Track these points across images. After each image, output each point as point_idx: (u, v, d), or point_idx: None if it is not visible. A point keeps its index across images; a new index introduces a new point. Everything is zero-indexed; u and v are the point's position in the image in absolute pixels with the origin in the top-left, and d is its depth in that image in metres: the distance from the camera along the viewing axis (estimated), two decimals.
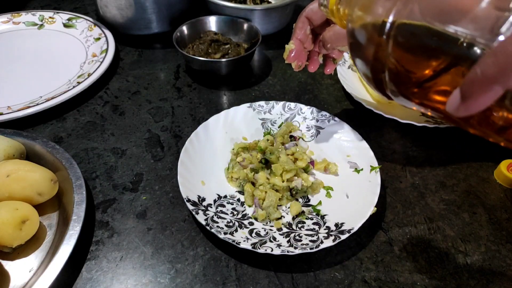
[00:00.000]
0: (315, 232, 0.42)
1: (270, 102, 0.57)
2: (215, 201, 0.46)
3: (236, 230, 0.42)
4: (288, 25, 0.78)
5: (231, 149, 0.53)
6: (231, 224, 0.43)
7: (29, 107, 0.57)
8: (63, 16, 0.79)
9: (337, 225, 0.42)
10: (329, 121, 0.54)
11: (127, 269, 0.41)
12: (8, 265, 0.40)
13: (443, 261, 0.42)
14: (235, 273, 0.40)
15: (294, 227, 0.44)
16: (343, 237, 0.40)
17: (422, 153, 0.54)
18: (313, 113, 0.56)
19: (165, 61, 0.72)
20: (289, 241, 0.41)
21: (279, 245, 0.40)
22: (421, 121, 0.55)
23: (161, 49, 0.75)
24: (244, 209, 0.46)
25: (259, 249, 0.39)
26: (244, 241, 0.40)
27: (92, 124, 0.58)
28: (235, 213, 0.45)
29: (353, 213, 0.43)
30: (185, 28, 0.70)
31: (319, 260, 0.42)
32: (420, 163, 0.53)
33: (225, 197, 0.47)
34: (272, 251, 0.39)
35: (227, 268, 0.41)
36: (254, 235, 0.42)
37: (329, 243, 0.39)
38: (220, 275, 0.40)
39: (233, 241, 0.39)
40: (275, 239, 0.41)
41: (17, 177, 0.42)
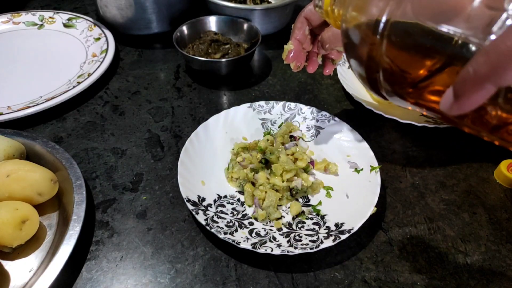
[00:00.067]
0: (315, 232, 0.42)
1: (270, 102, 0.57)
2: (215, 201, 0.46)
3: (236, 230, 0.42)
4: (288, 25, 0.78)
5: (231, 149, 0.53)
6: (231, 224, 0.43)
7: (29, 107, 0.57)
8: (63, 16, 0.80)
9: (337, 225, 0.42)
10: (329, 121, 0.54)
11: (127, 269, 0.41)
12: (8, 265, 0.40)
13: (443, 261, 0.42)
14: (235, 273, 0.40)
15: (294, 227, 0.44)
16: (343, 237, 0.40)
17: (422, 153, 0.54)
18: (313, 113, 0.56)
19: (165, 61, 0.72)
20: (289, 241, 0.41)
21: (279, 245, 0.40)
22: (421, 121, 0.55)
23: (161, 49, 0.75)
24: (244, 209, 0.46)
25: (259, 249, 0.39)
26: (244, 241, 0.40)
27: (92, 124, 0.58)
28: (235, 213, 0.45)
29: (353, 213, 0.43)
30: (185, 28, 0.70)
31: (319, 260, 0.42)
32: (420, 163, 0.53)
33: (225, 197, 0.47)
34: (272, 251, 0.39)
35: (227, 268, 0.41)
36: (254, 235, 0.42)
37: (329, 243, 0.39)
38: (220, 275, 0.40)
39: (233, 241, 0.39)
40: (275, 239, 0.41)
41: (17, 177, 0.42)
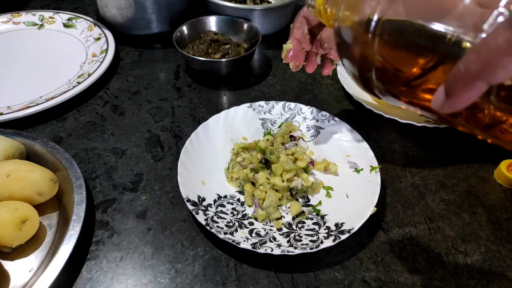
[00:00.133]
0: (315, 232, 0.42)
1: (270, 102, 0.57)
2: (215, 201, 0.46)
3: (236, 230, 0.42)
4: (288, 25, 0.78)
5: (231, 149, 0.53)
6: (231, 224, 0.43)
7: (29, 107, 0.57)
8: (63, 16, 0.80)
9: (337, 225, 0.42)
10: (329, 121, 0.54)
11: (127, 269, 0.41)
12: (8, 265, 0.40)
13: (443, 261, 0.42)
14: (235, 273, 0.40)
15: (294, 227, 0.44)
16: (343, 237, 0.40)
17: (422, 153, 0.54)
18: (313, 113, 0.56)
19: (165, 61, 0.72)
20: (289, 241, 0.41)
21: (279, 245, 0.40)
22: (421, 121, 0.55)
23: (161, 49, 0.75)
24: (244, 209, 0.46)
25: (259, 249, 0.39)
26: (244, 241, 0.40)
27: (92, 124, 0.58)
28: (235, 213, 0.45)
29: (353, 213, 0.43)
30: (185, 28, 0.70)
31: (319, 260, 0.42)
32: (420, 163, 0.53)
33: (225, 197, 0.47)
34: (272, 251, 0.39)
35: (227, 268, 0.41)
36: (254, 235, 0.42)
37: (329, 243, 0.39)
38: (220, 275, 0.40)
39: (233, 241, 0.39)
40: (275, 239, 0.41)
41: (17, 177, 0.42)
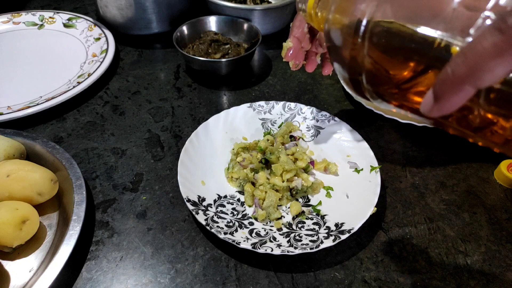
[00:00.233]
0: (315, 232, 0.42)
1: (270, 102, 0.57)
2: (215, 201, 0.46)
3: (236, 230, 0.42)
4: (288, 25, 0.78)
5: (231, 149, 0.53)
6: (231, 224, 0.43)
7: (29, 107, 0.57)
8: (63, 16, 0.80)
9: (337, 225, 0.42)
10: (329, 121, 0.54)
11: (127, 269, 0.41)
12: (8, 265, 0.40)
13: (443, 261, 0.42)
14: (235, 273, 0.40)
15: (294, 227, 0.44)
16: (343, 237, 0.40)
17: (422, 153, 0.54)
18: (313, 113, 0.56)
19: (165, 61, 0.72)
20: (289, 241, 0.41)
21: (279, 245, 0.40)
22: (421, 121, 0.55)
23: (161, 49, 0.75)
24: (244, 209, 0.46)
25: (259, 249, 0.39)
26: (244, 241, 0.40)
27: (92, 124, 0.58)
28: (235, 213, 0.45)
29: (353, 213, 0.43)
30: (185, 28, 0.70)
31: (319, 260, 0.42)
32: (420, 163, 0.53)
33: (225, 197, 0.47)
34: (272, 251, 0.39)
35: (227, 268, 0.41)
36: (254, 235, 0.42)
37: (329, 243, 0.39)
38: (220, 275, 0.40)
39: (233, 241, 0.39)
40: (275, 239, 0.41)
41: (17, 177, 0.42)
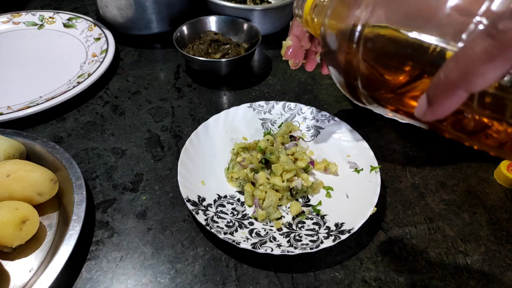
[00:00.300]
0: (315, 232, 0.42)
1: (270, 102, 0.57)
2: (215, 201, 0.46)
3: (236, 230, 0.42)
4: (288, 25, 0.78)
5: (231, 149, 0.53)
6: (231, 224, 0.43)
7: (29, 107, 0.57)
8: (63, 16, 0.80)
9: (337, 225, 0.42)
10: (329, 121, 0.54)
11: (127, 269, 0.41)
12: (8, 265, 0.40)
13: (443, 261, 0.42)
14: (235, 273, 0.40)
15: (294, 227, 0.44)
16: (343, 237, 0.40)
17: (422, 153, 0.54)
18: (313, 113, 0.56)
19: (165, 61, 0.72)
20: (289, 241, 0.41)
21: (279, 245, 0.40)
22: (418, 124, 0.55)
23: (161, 49, 0.75)
24: (244, 209, 0.46)
25: (259, 249, 0.39)
26: (244, 241, 0.40)
27: (92, 124, 0.58)
28: (235, 213, 0.45)
29: (353, 213, 0.43)
30: (185, 28, 0.70)
31: (319, 260, 0.42)
32: (420, 163, 0.53)
33: (225, 197, 0.47)
34: (272, 251, 0.39)
35: (227, 268, 0.41)
36: (254, 235, 0.42)
37: (329, 243, 0.39)
38: (220, 275, 0.40)
39: (233, 241, 0.39)
40: (275, 239, 0.41)
41: (17, 177, 0.42)
